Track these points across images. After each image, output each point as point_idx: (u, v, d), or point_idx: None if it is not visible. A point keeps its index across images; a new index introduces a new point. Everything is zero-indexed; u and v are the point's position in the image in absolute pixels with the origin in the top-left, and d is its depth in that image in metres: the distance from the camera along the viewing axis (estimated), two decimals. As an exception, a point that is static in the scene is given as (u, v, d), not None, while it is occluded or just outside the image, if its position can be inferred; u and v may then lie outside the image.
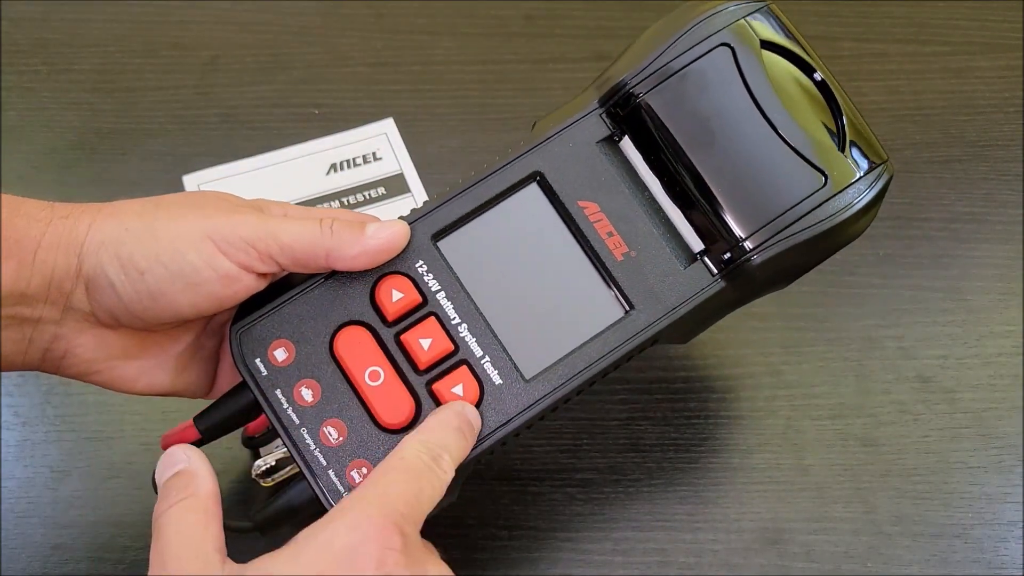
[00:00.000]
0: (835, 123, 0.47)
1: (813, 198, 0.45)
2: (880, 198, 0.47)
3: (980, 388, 0.60)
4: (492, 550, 0.54)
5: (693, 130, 0.46)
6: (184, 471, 0.40)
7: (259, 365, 0.44)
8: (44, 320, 0.43)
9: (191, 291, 0.42)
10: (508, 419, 0.44)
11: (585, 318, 0.46)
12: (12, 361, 0.44)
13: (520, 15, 0.74)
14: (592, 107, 0.48)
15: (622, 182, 0.47)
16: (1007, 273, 0.64)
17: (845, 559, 0.54)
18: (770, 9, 0.48)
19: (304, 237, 0.43)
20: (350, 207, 0.64)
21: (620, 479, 0.56)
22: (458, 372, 0.44)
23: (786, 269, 0.47)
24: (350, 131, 0.67)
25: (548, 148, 0.47)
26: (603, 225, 0.46)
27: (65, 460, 0.56)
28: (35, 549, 0.53)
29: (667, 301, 0.46)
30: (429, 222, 0.46)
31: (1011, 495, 0.56)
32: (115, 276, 0.42)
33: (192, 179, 0.65)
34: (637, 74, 0.47)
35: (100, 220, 0.43)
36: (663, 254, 0.46)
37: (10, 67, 0.70)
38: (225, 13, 0.73)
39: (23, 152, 0.66)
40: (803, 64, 0.48)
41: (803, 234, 0.45)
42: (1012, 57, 0.72)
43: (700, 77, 0.46)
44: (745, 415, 0.58)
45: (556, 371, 0.45)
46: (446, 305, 0.45)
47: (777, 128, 0.46)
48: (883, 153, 0.48)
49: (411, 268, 0.45)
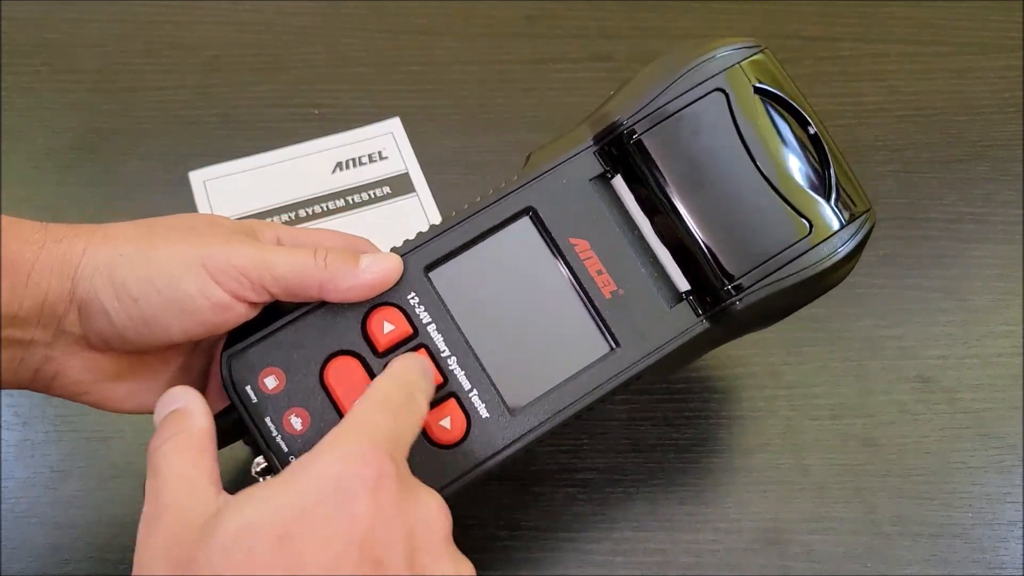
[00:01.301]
0: (823, 171, 0.48)
1: (798, 245, 0.46)
2: (862, 246, 0.48)
3: (980, 388, 0.60)
4: (492, 550, 0.54)
5: (684, 173, 0.47)
6: (180, 410, 0.40)
7: (249, 392, 0.44)
8: (36, 342, 0.43)
9: (184, 318, 0.42)
10: (495, 452, 0.45)
11: (572, 353, 0.46)
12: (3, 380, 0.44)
13: (520, 15, 0.74)
14: (586, 144, 0.48)
15: (612, 220, 0.47)
16: (1007, 273, 0.64)
17: (845, 559, 0.54)
18: (764, 55, 0.49)
19: (298, 269, 0.43)
20: (355, 206, 0.64)
21: (621, 479, 0.56)
22: (446, 405, 0.45)
23: (769, 312, 0.48)
24: (356, 130, 0.67)
25: (542, 183, 0.47)
26: (593, 263, 0.47)
27: (65, 460, 0.56)
28: (35, 549, 0.53)
29: (652, 340, 0.46)
30: (422, 254, 0.46)
31: (1011, 495, 0.56)
32: (108, 302, 0.42)
33: (198, 175, 0.65)
34: (632, 115, 0.47)
35: (94, 245, 0.43)
36: (650, 293, 0.47)
37: (10, 67, 0.70)
38: (225, 13, 0.73)
39: (23, 152, 0.66)
40: (794, 111, 0.48)
41: (787, 280, 0.46)
42: (1012, 57, 0.72)
43: (694, 121, 0.47)
44: (745, 415, 0.58)
45: (541, 405, 0.45)
46: (436, 338, 0.45)
47: (766, 175, 0.47)
48: (867, 201, 0.48)
49: (403, 300, 0.45)
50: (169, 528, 0.36)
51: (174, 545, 0.36)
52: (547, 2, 0.74)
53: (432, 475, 0.43)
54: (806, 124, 0.48)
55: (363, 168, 0.66)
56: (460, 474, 0.44)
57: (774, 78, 0.48)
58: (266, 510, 0.35)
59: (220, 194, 0.65)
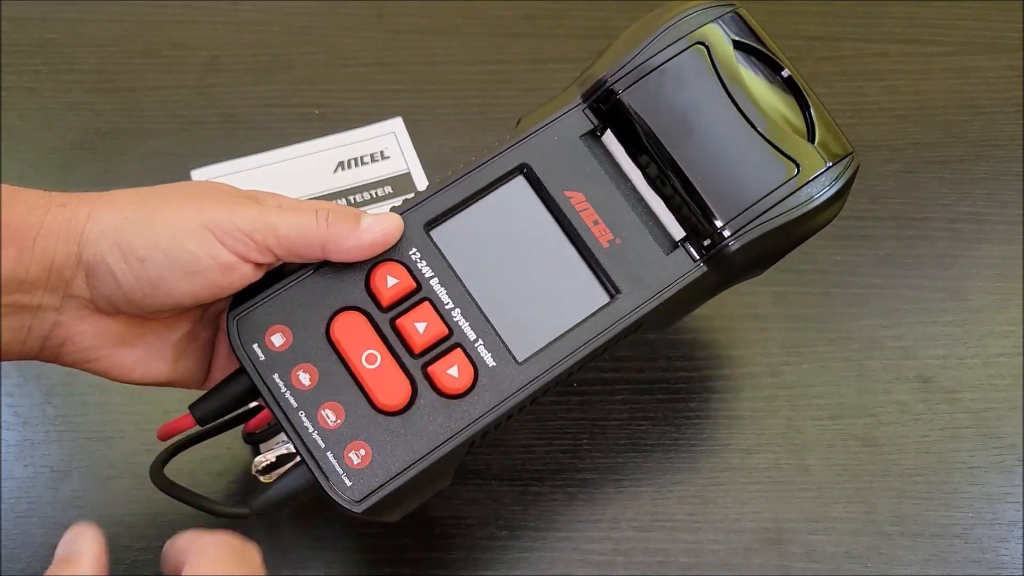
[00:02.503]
0: (804, 117, 0.50)
1: (785, 186, 0.48)
2: (847, 188, 0.49)
3: (980, 388, 0.60)
4: (492, 550, 0.54)
5: (671, 124, 0.48)
6: (69, 556, 0.38)
7: (257, 350, 0.45)
8: (43, 308, 0.43)
9: (190, 279, 0.43)
10: (503, 399, 0.45)
11: (573, 303, 0.47)
12: (11, 350, 0.44)
13: (520, 15, 0.74)
14: (575, 103, 0.50)
15: (605, 174, 0.48)
16: (1008, 273, 0.64)
17: (845, 559, 0.54)
18: (738, 13, 0.51)
19: (301, 229, 0.44)
20: (356, 206, 0.64)
21: (621, 479, 0.56)
22: (453, 355, 0.45)
23: (762, 254, 0.49)
24: (358, 129, 0.67)
25: (534, 141, 0.49)
26: (588, 214, 0.48)
27: (65, 460, 0.56)
28: (35, 549, 0.53)
29: (652, 286, 0.47)
30: (421, 211, 0.47)
31: (1011, 495, 0.56)
32: (115, 264, 0.42)
33: (200, 175, 0.65)
34: (617, 71, 0.49)
35: (99, 209, 0.43)
36: (646, 241, 0.48)
37: (10, 67, 0.70)
38: (225, 13, 0.73)
39: (23, 152, 0.66)
40: (772, 64, 0.50)
41: (777, 220, 0.47)
42: (1013, 57, 0.72)
43: (677, 73, 0.49)
44: (746, 415, 0.58)
45: (547, 353, 0.46)
46: (439, 291, 0.46)
47: (751, 120, 0.48)
48: (849, 146, 0.50)
49: (405, 255, 0.46)
50: None
51: None
52: (547, 2, 0.74)
53: (442, 426, 0.44)
54: (783, 72, 0.50)
55: (365, 168, 0.66)
56: (470, 422, 0.44)
57: (752, 32, 0.50)
58: None
59: (220, 194, 0.65)
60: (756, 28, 0.51)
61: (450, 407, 0.44)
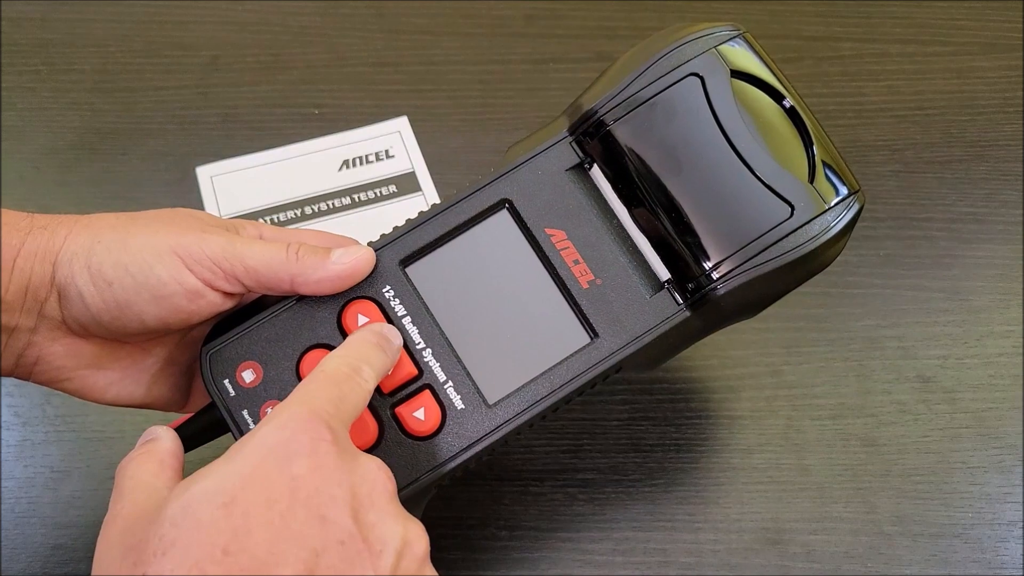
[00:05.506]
0: (806, 154, 0.47)
1: (778, 229, 0.45)
2: (850, 228, 0.47)
3: (980, 388, 0.60)
4: (492, 550, 0.54)
5: (661, 159, 0.46)
6: (149, 439, 0.42)
7: (228, 386, 0.45)
8: (20, 328, 0.44)
9: (157, 303, 0.43)
10: (470, 443, 0.44)
11: (549, 345, 0.46)
12: None
13: (521, 15, 0.74)
14: (562, 135, 0.48)
15: (590, 210, 0.47)
16: (1008, 273, 0.64)
17: (845, 559, 0.54)
18: (744, 38, 0.48)
19: (269, 261, 0.44)
20: (361, 203, 0.64)
21: (621, 479, 0.56)
22: (421, 396, 0.45)
23: (751, 299, 0.47)
24: (364, 128, 0.67)
25: (518, 175, 0.47)
26: (569, 253, 0.46)
27: (65, 460, 0.56)
28: (35, 549, 0.53)
29: (631, 329, 0.46)
30: (398, 247, 0.46)
31: (1011, 495, 0.56)
32: (84, 286, 0.43)
33: (205, 171, 0.65)
34: (607, 103, 0.47)
35: (76, 231, 0.43)
36: (629, 282, 0.46)
37: (10, 67, 0.70)
38: (225, 13, 0.73)
39: (23, 152, 0.66)
40: (775, 94, 0.48)
41: (768, 264, 0.45)
42: (1013, 57, 0.72)
43: (669, 107, 0.46)
44: (746, 415, 0.58)
45: (520, 396, 0.45)
46: (412, 330, 0.45)
47: (744, 158, 0.46)
48: (855, 183, 0.47)
49: (378, 293, 0.46)
50: (124, 522, 0.37)
51: (128, 533, 0.36)
52: (547, 2, 0.74)
53: (408, 466, 0.44)
54: (785, 104, 0.47)
55: (370, 166, 0.66)
56: (435, 465, 0.44)
57: (753, 62, 0.48)
58: (211, 482, 0.36)
59: (227, 190, 0.65)
60: (762, 53, 0.48)
61: (416, 448, 0.44)
